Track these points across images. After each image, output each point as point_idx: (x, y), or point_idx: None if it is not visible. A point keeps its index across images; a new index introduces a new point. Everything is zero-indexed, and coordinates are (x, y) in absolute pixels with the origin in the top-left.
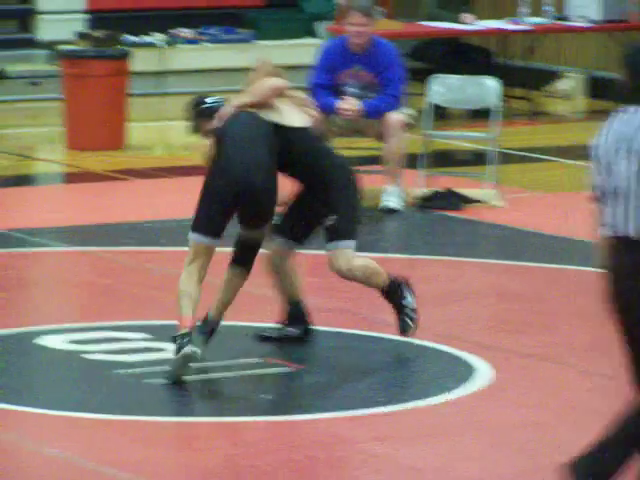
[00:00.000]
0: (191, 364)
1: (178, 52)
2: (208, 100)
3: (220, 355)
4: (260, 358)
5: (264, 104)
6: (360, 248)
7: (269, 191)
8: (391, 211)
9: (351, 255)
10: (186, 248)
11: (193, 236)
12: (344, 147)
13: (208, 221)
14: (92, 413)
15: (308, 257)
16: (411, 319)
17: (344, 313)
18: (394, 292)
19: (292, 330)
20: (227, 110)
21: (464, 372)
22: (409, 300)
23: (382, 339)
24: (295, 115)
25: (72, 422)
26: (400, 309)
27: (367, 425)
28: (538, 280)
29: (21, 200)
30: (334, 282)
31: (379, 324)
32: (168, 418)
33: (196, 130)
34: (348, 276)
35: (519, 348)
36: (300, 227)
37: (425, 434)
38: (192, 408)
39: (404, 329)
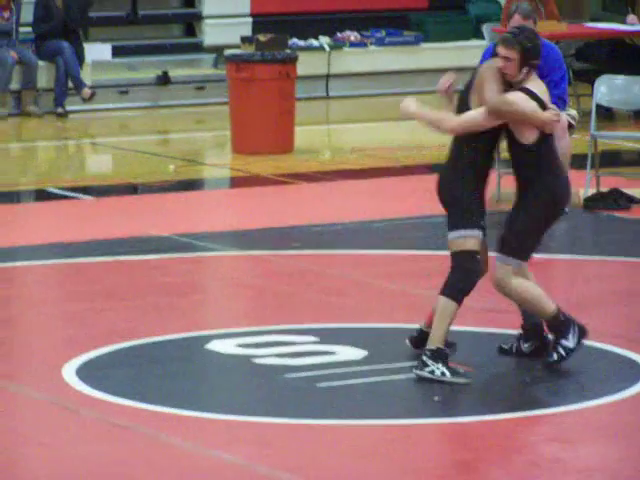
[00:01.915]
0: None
1: (344, 55)
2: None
3: (391, 358)
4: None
5: None
6: None
7: None
8: None
9: (510, 272)
10: (351, 251)
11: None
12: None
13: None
14: (264, 417)
15: None
16: (560, 357)
17: (514, 314)
18: (556, 328)
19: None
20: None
21: (634, 372)
22: (568, 343)
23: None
24: None
25: (244, 426)
26: (555, 344)
27: (539, 426)
28: None
29: (188, 205)
30: None
31: None
32: (339, 421)
33: None
34: (501, 292)
35: None
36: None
37: (597, 434)
38: (363, 411)
39: (548, 360)
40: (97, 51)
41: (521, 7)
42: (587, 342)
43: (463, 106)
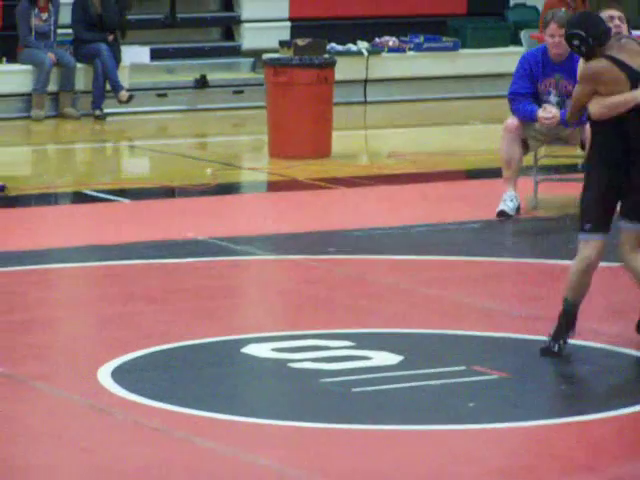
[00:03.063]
0: None
1: (382, 60)
2: None
3: (427, 363)
4: (464, 366)
5: None
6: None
7: None
8: None
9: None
10: (388, 257)
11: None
12: (546, 155)
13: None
14: (298, 421)
15: (522, 265)
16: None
17: (549, 321)
18: None
19: None
20: None
21: None
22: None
23: (589, 348)
24: None
25: (278, 430)
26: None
27: (574, 432)
28: None
29: (225, 208)
30: (542, 290)
31: (586, 332)
32: (375, 427)
33: None
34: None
35: None
36: None
37: (633, 442)
38: (399, 417)
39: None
40: (135, 54)
41: (557, 15)
42: (628, 350)
43: None
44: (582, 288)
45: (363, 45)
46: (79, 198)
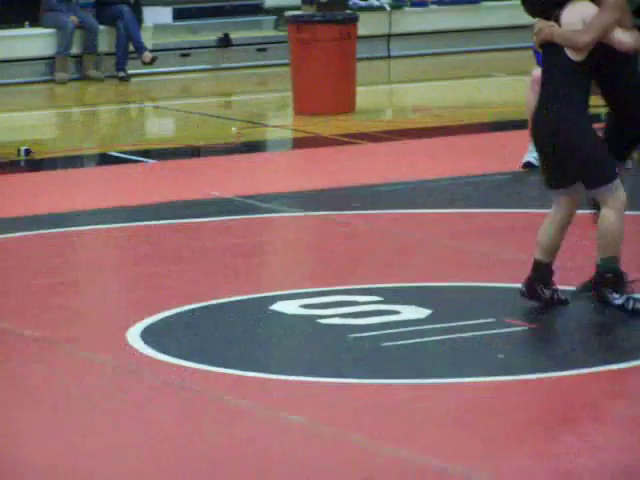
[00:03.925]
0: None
1: (405, 15)
2: None
3: (455, 316)
4: (493, 318)
5: None
6: None
7: None
8: None
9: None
10: (414, 211)
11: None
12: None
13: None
14: (329, 377)
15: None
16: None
17: (580, 271)
18: (603, 275)
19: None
20: None
21: None
22: (614, 297)
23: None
24: None
25: (309, 387)
26: (598, 287)
27: (603, 382)
28: None
29: (251, 166)
30: (569, 240)
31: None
32: (406, 381)
33: None
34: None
35: None
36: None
37: None
38: (429, 370)
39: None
40: (158, 14)
41: None
42: None
43: None
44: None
45: (385, 0)
46: (104, 160)
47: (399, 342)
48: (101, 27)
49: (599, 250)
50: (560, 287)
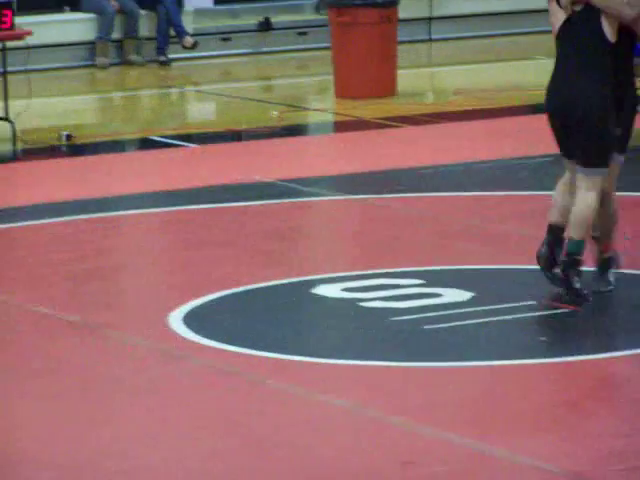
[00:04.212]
0: None
1: None
2: None
3: (498, 299)
4: (535, 301)
5: None
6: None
7: None
8: None
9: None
10: (455, 193)
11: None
12: None
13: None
14: (371, 361)
15: None
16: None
17: (626, 256)
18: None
19: None
20: None
21: None
22: (576, 280)
23: None
24: None
25: (352, 370)
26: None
27: None
28: None
29: (292, 150)
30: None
31: None
32: (447, 363)
33: None
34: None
35: None
36: None
37: None
38: (470, 353)
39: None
40: None
41: None
42: None
43: None
44: None
45: None
46: (146, 144)
47: (440, 325)
48: (142, 12)
49: (573, 230)
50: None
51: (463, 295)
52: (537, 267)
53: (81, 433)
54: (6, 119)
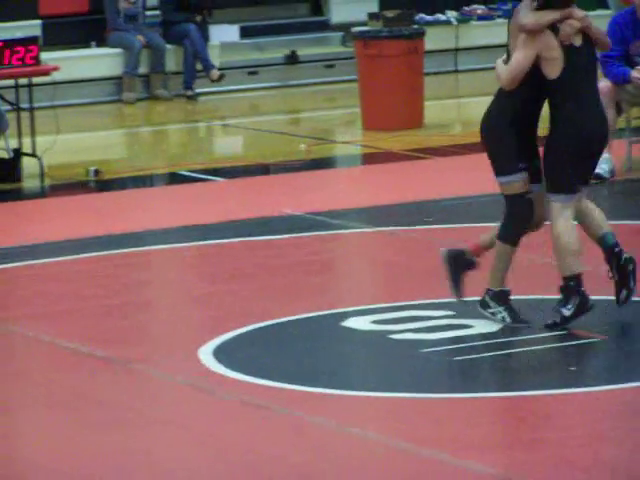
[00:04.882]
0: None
1: (472, 29)
2: None
3: (527, 330)
4: (565, 330)
5: None
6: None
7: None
8: None
9: (559, 209)
10: (484, 224)
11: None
12: (639, 117)
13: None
14: (401, 392)
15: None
16: (554, 323)
17: None
18: (565, 292)
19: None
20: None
21: None
22: (566, 311)
23: None
24: None
25: (382, 402)
26: (557, 309)
27: None
28: None
29: (321, 183)
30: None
31: None
32: (478, 394)
33: None
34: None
35: None
36: None
37: None
38: (501, 384)
39: (546, 322)
40: (225, 32)
41: None
42: None
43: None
44: None
45: (452, 14)
46: (173, 179)
47: (471, 356)
48: (168, 46)
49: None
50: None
51: (493, 326)
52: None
53: (108, 469)
54: (33, 155)
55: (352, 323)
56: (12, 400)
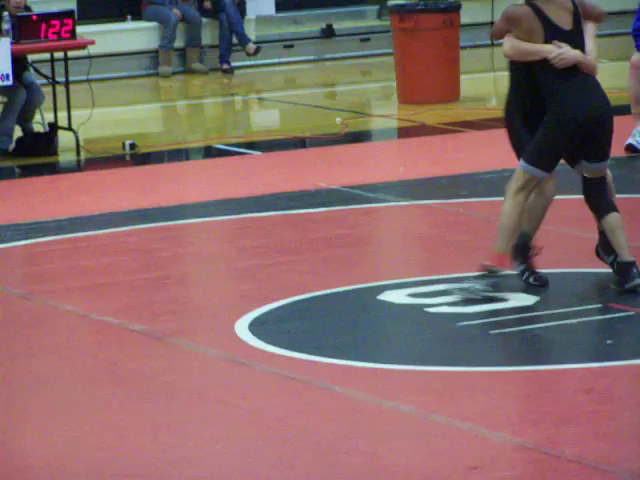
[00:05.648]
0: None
1: (508, 1)
2: None
3: (560, 302)
4: (601, 304)
5: None
6: None
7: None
8: None
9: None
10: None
11: (529, 168)
12: None
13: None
14: (438, 366)
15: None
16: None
17: None
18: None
19: None
20: None
21: None
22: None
23: None
24: None
25: (418, 376)
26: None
27: None
28: None
29: (356, 156)
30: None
31: None
32: (514, 368)
33: None
34: None
35: None
36: None
37: None
38: (537, 357)
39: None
40: (261, 6)
41: None
42: None
43: None
44: None
45: None
46: (210, 153)
47: (507, 329)
48: (204, 20)
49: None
50: None
51: (529, 299)
52: (602, 270)
53: (147, 442)
54: (69, 129)
55: (388, 297)
56: (49, 374)
